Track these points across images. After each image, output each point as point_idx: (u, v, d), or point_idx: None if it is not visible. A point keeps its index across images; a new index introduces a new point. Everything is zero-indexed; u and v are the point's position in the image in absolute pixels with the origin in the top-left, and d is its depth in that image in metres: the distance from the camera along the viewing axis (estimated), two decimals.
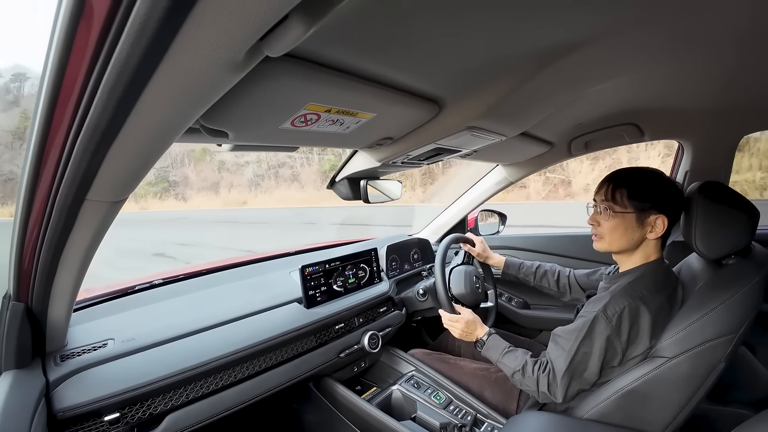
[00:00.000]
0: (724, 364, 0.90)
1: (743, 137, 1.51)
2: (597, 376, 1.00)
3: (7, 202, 23.45)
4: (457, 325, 1.29)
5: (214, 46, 0.39)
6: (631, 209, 1.02)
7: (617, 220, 1.04)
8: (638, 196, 1.01)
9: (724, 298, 0.92)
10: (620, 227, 1.04)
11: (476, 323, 1.28)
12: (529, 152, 1.72)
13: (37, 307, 0.78)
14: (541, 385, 1.04)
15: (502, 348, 1.17)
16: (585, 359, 0.99)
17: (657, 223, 1.00)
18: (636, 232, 1.02)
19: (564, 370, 1.00)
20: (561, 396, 1.01)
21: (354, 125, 0.88)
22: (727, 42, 0.77)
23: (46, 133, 0.48)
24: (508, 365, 1.13)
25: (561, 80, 0.89)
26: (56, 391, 0.82)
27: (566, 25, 0.66)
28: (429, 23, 0.58)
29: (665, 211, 1.00)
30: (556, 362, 1.02)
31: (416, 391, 1.41)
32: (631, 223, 1.02)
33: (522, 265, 1.58)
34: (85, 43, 0.37)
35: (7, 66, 51.38)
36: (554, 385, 1.02)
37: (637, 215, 1.01)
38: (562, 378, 1.00)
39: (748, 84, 1.04)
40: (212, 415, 1.02)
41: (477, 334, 1.25)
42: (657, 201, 1.00)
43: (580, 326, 0.99)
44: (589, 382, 1.01)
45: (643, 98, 1.19)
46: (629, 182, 1.03)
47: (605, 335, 0.96)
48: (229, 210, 20.68)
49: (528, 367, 1.08)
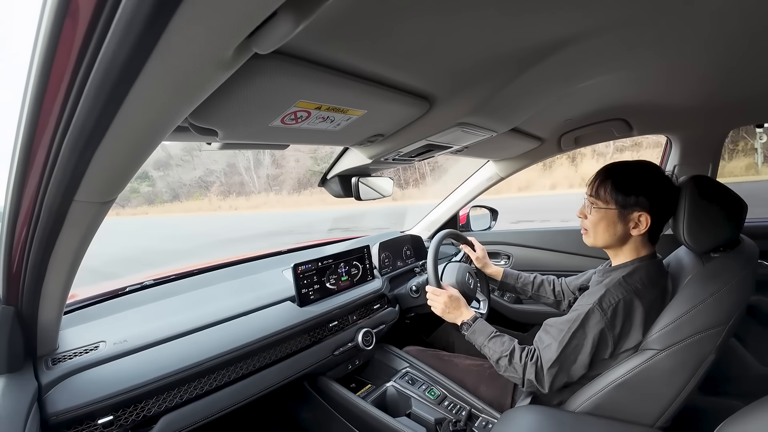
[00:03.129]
0: (714, 356, 0.91)
1: (731, 131, 1.54)
2: (585, 369, 1.00)
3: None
4: (440, 299, 1.27)
5: (202, 43, 0.39)
6: (613, 205, 1.02)
7: (600, 215, 1.05)
8: (621, 192, 1.01)
9: (713, 290, 0.94)
10: (603, 222, 1.05)
11: (460, 303, 1.27)
12: (519, 148, 1.73)
13: (27, 311, 0.77)
14: (528, 372, 1.03)
15: (489, 332, 1.16)
16: (576, 351, 0.99)
17: (640, 220, 1.00)
18: (618, 227, 1.03)
19: (553, 360, 0.99)
20: (547, 385, 1.01)
21: (345, 122, 0.88)
22: (715, 39, 0.78)
23: (33, 133, 0.48)
24: (494, 349, 1.11)
25: (550, 77, 0.90)
26: (49, 395, 0.81)
27: (556, 23, 0.66)
28: (419, 20, 0.58)
29: (650, 207, 0.99)
30: (546, 351, 1.02)
31: (411, 388, 1.42)
32: (613, 218, 1.03)
33: (520, 276, 1.56)
34: (71, 41, 0.37)
35: None
36: (541, 374, 1.01)
37: (619, 211, 1.02)
38: (550, 368, 1.00)
39: (735, 80, 1.05)
40: (207, 415, 1.01)
41: (463, 317, 1.23)
42: (641, 198, 1.00)
43: (574, 318, 1.00)
44: (576, 375, 1.01)
45: (632, 94, 1.20)
46: (614, 177, 1.03)
47: (599, 327, 0.96)
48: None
49: (516, 354, 1.07)
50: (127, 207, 28.10)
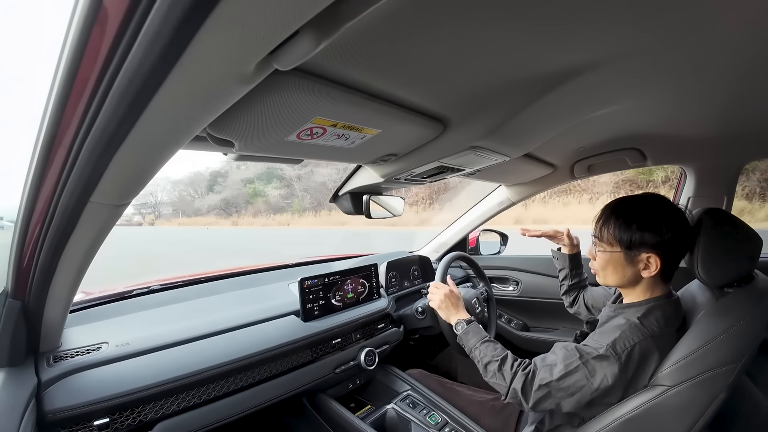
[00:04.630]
0: (725, 394, 0.88)
1: (747, 163, 1.52)
2: (577, 409, 0.94)
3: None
4: (439, 292, 1.25)
5: (224, 57, 0.40)
6: (618, 247, 0.95)
7: (606, 259, 0.98)
8: (625, 231, 0.94)
9: (725, 326, 0.91)
10: (610, 266, 0.98)
11: (460, 302, 1.24)
12: (531, 174, 1.73)
13: (34, 306, 0.78)
14: (516, 381, 0.96)
15: (483, 336, 1.11)
16: (576, 386, 0.92)
17: (650, 261, 0.92)
18: (628, 270, 0.96)
19: (549, 381, 0.92)
20: (530, 402, 0.94)
21: (359, 140, 0.89)
22: (730, 69, 0.78)
23: (54, 134, 0.49)
24: (485, 353, 1.06)
25: (564, 104, 0.90)
26: (47, 392, 0.81)
27: (570, 52, 0.67)
28: (436, 44, 0.60)
29: (659, 246, 0.91)
30: (545, 370, 0.94)
31: (411, 411, 1.39)
32: (620, 261, 0.96)
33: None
34: (97, 48, 0.38)
35: None
36: (529, 388, 0.95)
37: (625, 254, 0.95)
38: (542, 387, 0.93)
39: (751, 111, 1.04)
40: (203, 425, 1.00)
41: (459, 315, 1.20)
42: (646, 235, 0.92)
43: (587, 352, 0.93)
44: (564, 408, 0.94)
45: (646, 124, 1.20)
46: (617, 215, 0.96)
47: (610, 372, 0.89)
48: None
49: (508, 361, 1.01)
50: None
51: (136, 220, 43.68)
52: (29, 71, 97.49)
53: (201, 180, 42.31)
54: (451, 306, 1.24)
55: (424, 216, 20.01)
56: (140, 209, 44.04)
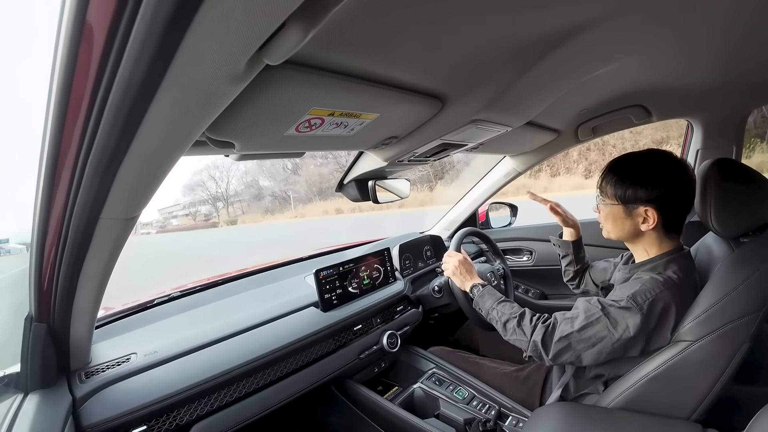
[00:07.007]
0: (748, 344, 0.88)
1: (753, 110, 1.48)
2: (597, 360, 0.94)
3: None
4: (453, 260, 1.28)
5: (214, 58, 0.40)
6: (616, 201, 0.98)
7: (607, 211, 1.02)
8: (622, 187, 0.97)
9: (744, 277, 0.90)
10: (610, 218, 1.01)
11: (473, 270, 1.27)
12: (535, 141, 1.71)
13: (59, 327, 0.79)
14: (536, 334, 0.98)
15: (499, 297, 1.13)
16: (597, 336, 0.92)
17: (648, 214, 0.94)
18: (627, 223, 0.98)
19: (570, 332, 0.94)
20: (550, 354, 0.96)
21: (358, 127, 0.88)
22: (730, 15, 0.75)
23: (56, 156, 0.49)
24: (503, 312, 1.07)
25: (564, 66, 0.88)
26: (83, 408, 0.83)
27: (566, 10, 0.65)
28: (425, 17, 0.58)
29: (655, 201, 0.93)
30: (566, 323, 0.96)
31: (438, 388, 1.41)
32: (619, 214, 0.99)
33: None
34: (87, 64, 0.38)
35: None
36: (549, 340, 0.96)
37: (623, 207, 0.97)
38: (562, 338, 0.94)
39: (753, 57, 1.02)
40: (238, 422, 1.03)
41: (473, 281, 1.23)
42: (640, 191, 0.94)
43: (609, 304, 0.93)
44: (584, 360, 0.95)
45: (649, 78, 1.17)
46: (617, 172, 0.99)
47: (633, 323, 0.89)
48: None
49: (527, 316, 1.03)
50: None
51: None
52: (24, 88, 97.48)
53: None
54: (465, 272, 1.26)
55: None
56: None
